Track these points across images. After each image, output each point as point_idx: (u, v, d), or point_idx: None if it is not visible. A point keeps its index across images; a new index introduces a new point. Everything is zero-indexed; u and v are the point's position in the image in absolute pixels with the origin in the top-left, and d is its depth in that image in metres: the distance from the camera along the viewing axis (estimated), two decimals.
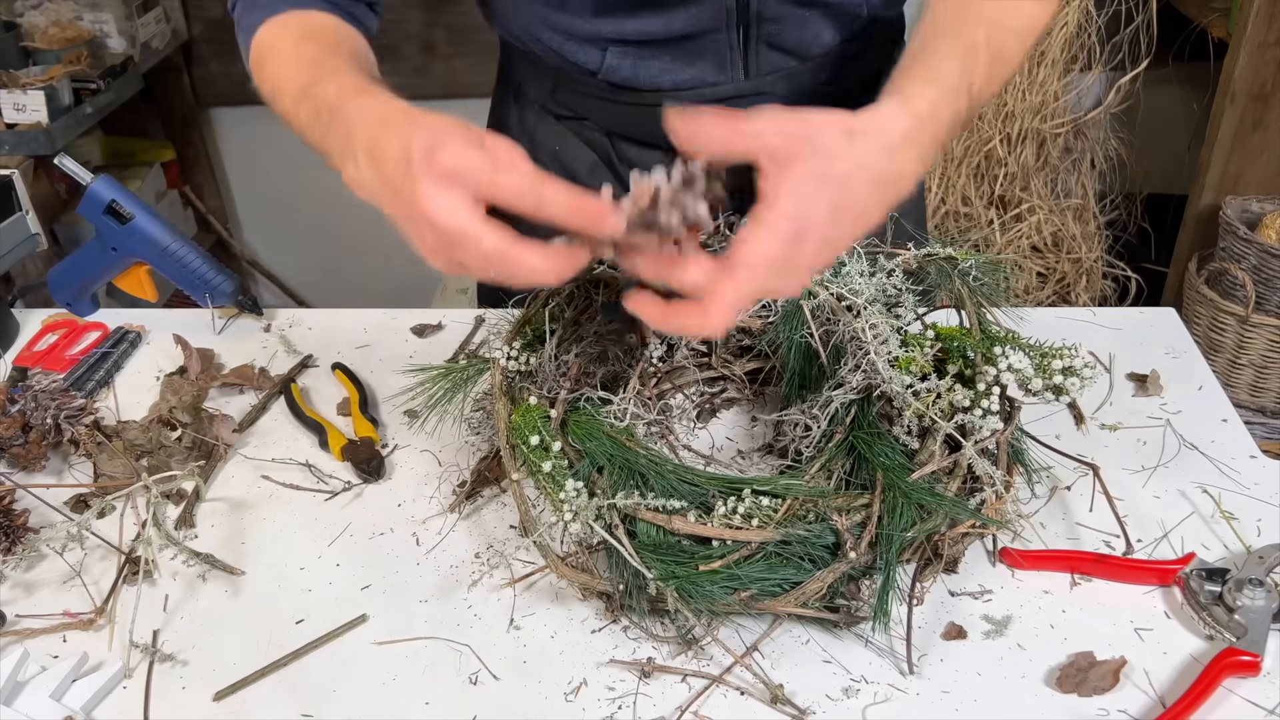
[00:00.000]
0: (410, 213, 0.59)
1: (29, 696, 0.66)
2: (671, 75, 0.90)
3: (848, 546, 0.67)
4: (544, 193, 0.57)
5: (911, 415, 0.72)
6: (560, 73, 0.94)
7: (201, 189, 2.66)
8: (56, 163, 1.03)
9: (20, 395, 0.87)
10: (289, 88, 0.74)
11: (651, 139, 0.97)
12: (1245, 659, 0.64)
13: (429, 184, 0.58)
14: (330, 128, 0.67)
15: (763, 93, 0.91)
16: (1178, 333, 1.00)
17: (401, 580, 0.75)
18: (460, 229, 0.57)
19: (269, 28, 0.80)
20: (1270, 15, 1.90)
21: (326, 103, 0.68)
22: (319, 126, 0.69)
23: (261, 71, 0.79)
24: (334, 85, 0.69)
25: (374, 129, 0.63)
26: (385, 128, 0.63)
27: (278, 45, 0.79)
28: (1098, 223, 2.35)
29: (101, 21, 2.15)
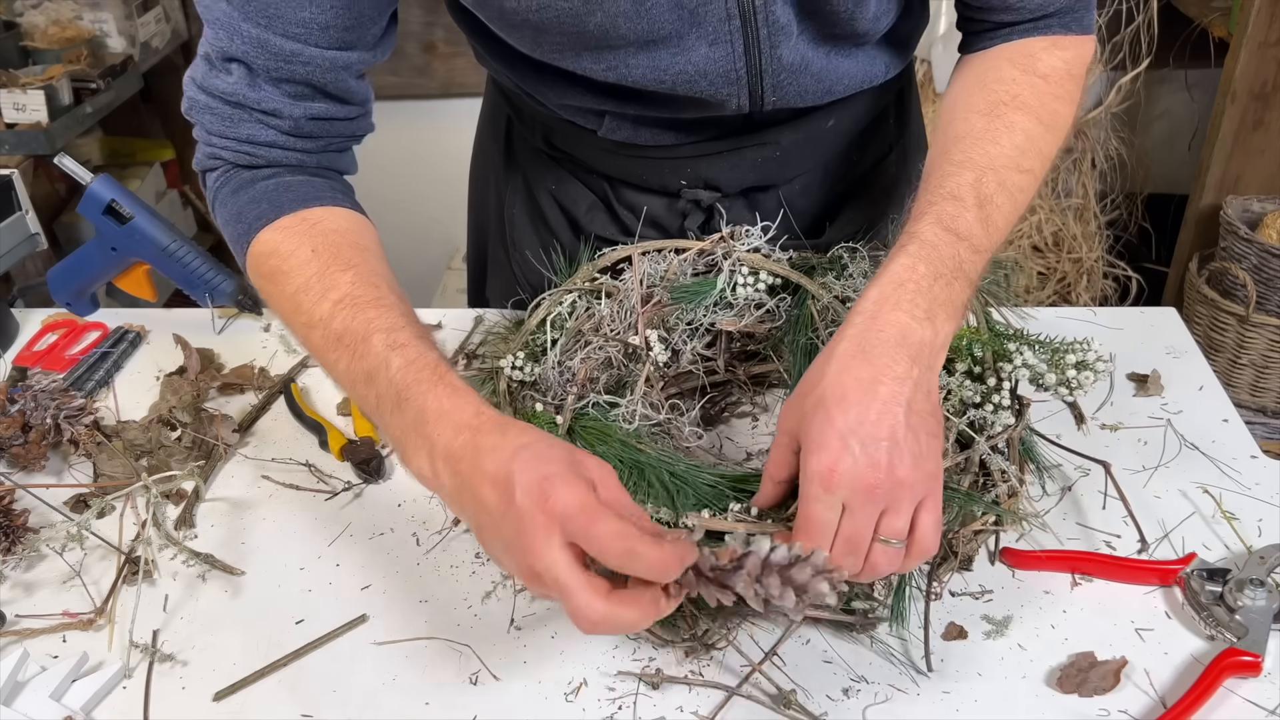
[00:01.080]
0: (515, 550, 0.55)
1: (29, 696, 0.66)
2: (673, 134, 0.88)
3: None
4: (636, 551, 0.53)
5: None
6: (554, 119, 0.92)
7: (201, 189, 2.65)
8: (56, 162, 1.03)
9: (20, 395, 0.87)
10: (324, 329, 0.67)
11: (651, 186, 0.94)
12: (1246, 659, 0.64)
13: (542, 533, 0.54)
14: (398, 412, 0.62)
15: (765, 143, 0.89)
16: (1178, 333, 1.00)
17: (401, 580, 0.75)
18: (566, 585, 0.54)
19: (275, 236, 0.72)
20: (1271, 15, 1.90)
21: (389, 378, 0.63)
22: (375, 398, 0.63)
23: (269, 286, 0.72)
24: (398, 358, 0.63)
25: (461, 439, 0.59)
26: (477, 443, 0.58)
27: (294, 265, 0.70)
28: (1098, 222, 2.35)
29: (101, 21, 2.15)
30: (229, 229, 0.76)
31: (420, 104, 2.51)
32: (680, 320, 0.84)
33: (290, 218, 0.73)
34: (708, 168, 0.91)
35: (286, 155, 0.76)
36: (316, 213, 0.74)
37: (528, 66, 0.84)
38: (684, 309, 0.84)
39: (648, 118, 0.86)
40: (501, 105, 1.01)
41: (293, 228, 0.72)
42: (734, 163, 0.90)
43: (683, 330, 0.84)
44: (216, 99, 0.74)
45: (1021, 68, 0.77)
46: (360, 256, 0.71)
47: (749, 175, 0.92)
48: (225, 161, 0.76)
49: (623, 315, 0.83)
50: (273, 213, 0.73)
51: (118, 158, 2.49)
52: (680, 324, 0.83)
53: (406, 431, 0.61)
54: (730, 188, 0.93)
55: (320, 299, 0.68)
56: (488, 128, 1.07)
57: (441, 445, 0.59)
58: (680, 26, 0.75)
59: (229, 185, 0.76)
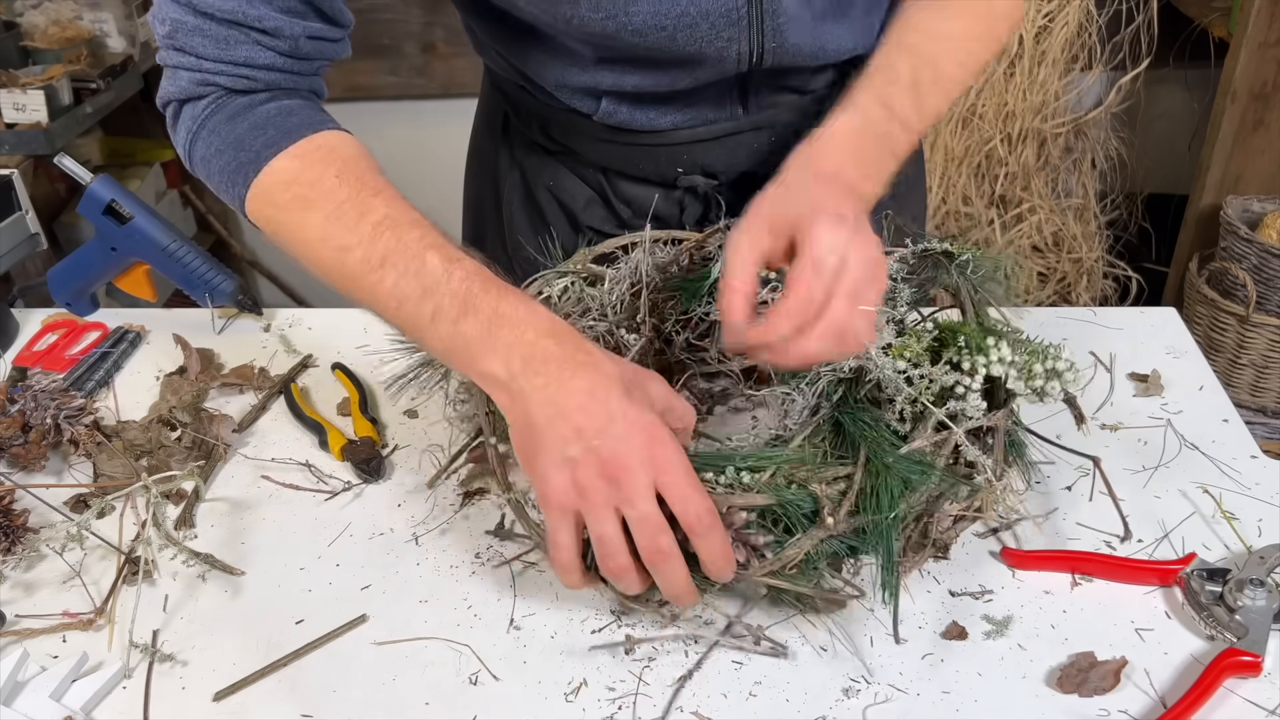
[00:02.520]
0: (591, 463, 0.61)
1: (29, 696, 0.66)
2: (670, 117, 0.89)
3: (825, 513, 0.65)
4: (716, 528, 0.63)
5: (904, 401, 0.71)
6: (553, 110, 0.92)
7: (201, 189, 2.66)
8: (56, 162, 1.03)
9: (20, 395, 0.87)
10: (364, 250, 0.67)
11: (647, 175, 0.95)
12: (1246, 659, 0.64)
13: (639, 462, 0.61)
14: (465, 318, 0.64)
15: (760, 127, 0.90)
16: (1178, 333, 1.00)
17: (401, 580, 0.75)
18: (648, 516, 0.61)
19: (292, 164, 0.71)
20: (1271, 15, 1.90)
21: (451, 289, 0.65)
22: (433, 310, 0.65)
23: (293, 214, 0.71)
24: (459, 270, 0.65)
25: (546, 343, 0.64)
26: (569, 354, 0.64)
27: (322, 190, 0.70)
28: (1098, 222, 2.35)
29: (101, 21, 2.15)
30: (224, 156, 0.72)
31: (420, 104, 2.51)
32: (674, 311, 0.84)
33: (304, 143, 0.71)
34: (704, 154, 0.92)
35: (283, 79, 0.74)
36: (329, 138, 0.72)
37: (526, 42, 0.84)
38: (678, 298, 0.84)
39: (645, 94, 0.86)
40: (498, 103, 1.01)
41: (311, 154, 0.71)
42: (730, 148, 0.91)
43: (675, 320, 0.84)
44: (209, 19, 0.70)
45: None
46: (383, 181, 0.71)
47: (744, 160, 0.93)
48: (219, 87, 0.73)
49: (614, 302, 0.83)
50: (283, 139, 0.71)
51: (118, 158, 2.49)
52: (673, 314, 0.84)
53: (477, 336, 0.64)
54: (726, 174, 0.93)
55: (358, 222, 0.67)
56: (484, 128, 1.07)
57: (524, 346, 0.63)
58: None
59: (222, 112, 0.73)
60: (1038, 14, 2.10)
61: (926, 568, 0.74)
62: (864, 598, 0.70)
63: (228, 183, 0.73)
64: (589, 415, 0.61)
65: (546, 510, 0.64)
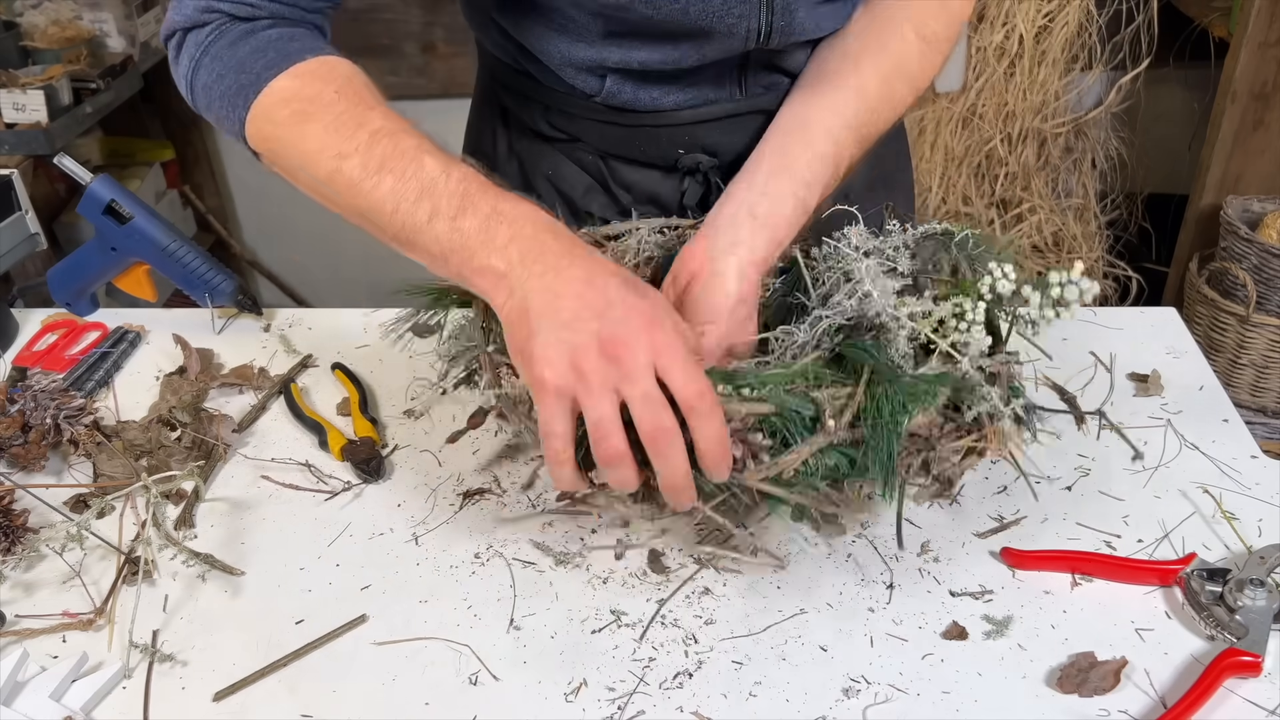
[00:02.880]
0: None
1: (29, 697, 0.66)
2: (673, 96, 0.90)
3: (826, 416, 0.64)
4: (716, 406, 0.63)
5: (905, 339, 0.71)
6: (554, 94, 0.92)
7: (201, 189, 2.66)
8: (56, 162, 1.03)
9: (20, 395, 0.87)
10: (362, 157, 0.69)
11: (647, 159, 0.95)
12: (1246, 659, 0.64)
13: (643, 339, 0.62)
14: (463, 216, 0.66)
15: (759, 110, 0.91)
16: (1178, 333, 1.00)
17: (401, 580, 0.75)
18: (649, 395, 0.61)
19: (291, 83, 0.73)
20: (1271, 15, 1.90)
21: (449, 189, 0.67)
22: (430, 210, 0.67)
23: (293, 129, 0.72)
24: (456, 171, 0.68)
25: (545, 236, 0.66)
26: (566, 247, 0.66)
27: (321, 105, 0.71)
28: (1098, 222, 2.35)
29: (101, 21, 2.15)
30: (225, 80, 0.74)
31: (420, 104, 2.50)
32: None
33: (303, 64, 0.73)
34: (705, 134, 0.92)
35: (286, 9, 0.76)
36: (329, 60, 0.74)
37: (533, 18, 0.85)
38: None
39: (650, 71, 0.87)
40: (495, 94, 1.01)
41: (310, 73, 0.73)
42: (729, 129, 0.92)
43: None
44: None
45: (915, 30, 0.86)
46: (378, 98, 0.73)
47: (742, 142, 0.93)
48: (222, 14, 0.75)
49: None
50: (283, 61, 0.73)
51: (117, 158, 2.49)
52: None
53: (475, 232, 0.65)
54: (727, 154, 0.94)
55: (355, 131, 0.69)
56: (480, 121, 1.07)
57: (522, 240, 0.64)
58: None
59: (224, 38, 0.75)
60: (1038, 14, 2.10)
61: (927, 568, 0.74)
62: (870, 504, 0.69)
63: (228, 106, 0.75)
64: (586, 301, 0.62)
65: (541, 397, 0.63)
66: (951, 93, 2.20)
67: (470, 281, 0.68)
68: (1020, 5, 2.09)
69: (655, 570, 0.75)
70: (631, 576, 0.74)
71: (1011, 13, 2.09)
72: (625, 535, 0.69)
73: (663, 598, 0.72)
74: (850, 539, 0.77)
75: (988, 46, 2.13)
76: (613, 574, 0.75)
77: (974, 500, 0.80)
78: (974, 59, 2.16)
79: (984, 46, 2.13)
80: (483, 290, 0.67)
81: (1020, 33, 2.11)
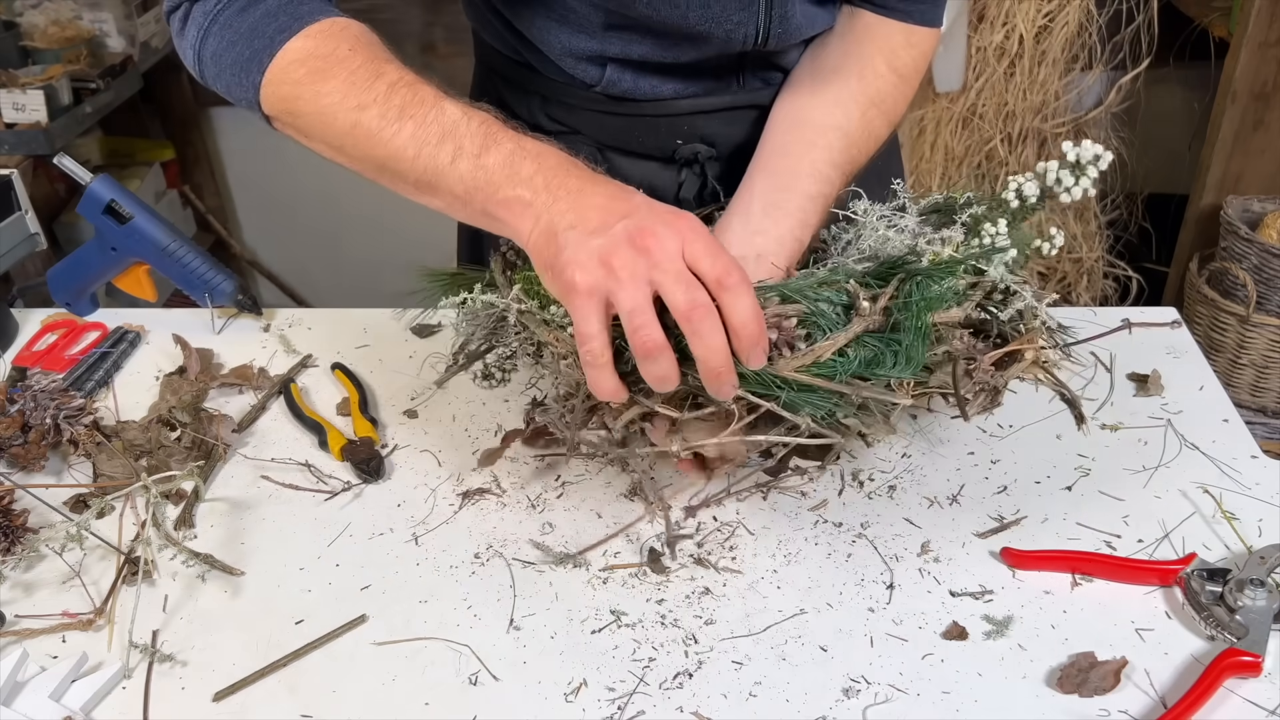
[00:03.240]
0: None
1: (28, 697, 0.66)
2: (673, 85, 0.90)
3: (860, 299, 0.64)
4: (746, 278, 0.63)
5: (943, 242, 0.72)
6: (553, 85, 0.93)
7: (201, 189, 2.66)
8: (56, 162, 1.03)
9: (20, 395, 0.87)
10: (382, 105, 0.70)
11: (645, 150, 0.96)
12: (1246, 659, 0.64)
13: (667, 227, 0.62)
14: (487, 153, 0.67)
15: (756, 104, 0.92)
16: (1179, 333, 1.00)
17: (401, 580, 0.75)
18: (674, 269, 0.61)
19: (305, 43, 0.73)
20: (1271, 15, 1.90)
21: (470, 130, 0.68)
22: (453, 151, 0.68)
23: (310, 87, 0.73)
24: (477, 115, 0.69)
25: (567, 165, 0.67)
26: (589, 173, 0.67)
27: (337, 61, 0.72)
28: (1099, 222, 2.35)
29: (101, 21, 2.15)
30: (237, 48, 0.75)
31: None
32: None
33: (316, 25, 0.74)
34: (704, 124, 0.93)
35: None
36: (339, 20, 0.75)
37: (534, 8, 0.86)
38: None
39: (650, 62, 0.87)
40: (492, 89, 1.01)
41: (323, 32, 0.74)
42: (727, 120, 0.93)
43: None
44: None
45: (888, 64, 0.89)
46: (391, 54, 0.74)
47: (740, 133, 0.94)
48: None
49: None
50: (295, 23, 0.74)
51: (117, 158, 2.49)
52: None
53: (499, 166, 0.67)
54: (724, 145, 0.95)
55: (373, 82, 0.71)
56: None
57: (546, 171, 0.66)
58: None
59: (233, 6, 0.76)
60: (1038, 14, 2.10)
61: (927, 568, 0.74)
62: (900, 408, 0.68)
63: (241, 73, 0.75)
64: (612, 209, 0.63)
65: (572, 300, 0.63)
66: (951, 93, 2.20)
67: (495, 215, 0.68)
68: (1020, 5, 2.09)
69: (655, 570, 0.75)
70: (632, 577, 0.74)
71: (1011, 13, 2.09)
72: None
73: (662, 598, 0.73)
74: (851, 539, 0.77)
75: (988, 46, 2.13)
76: (613, 574, 0.75)
77: (974, 500, 0.80)
78: (974, 59, 2.16)
79: (984, 46, 2.13)
80: (507, 221, 0.68)
81: (1020, 33, 2.11)
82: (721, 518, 0.79)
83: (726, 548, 0.76)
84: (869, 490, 0.81)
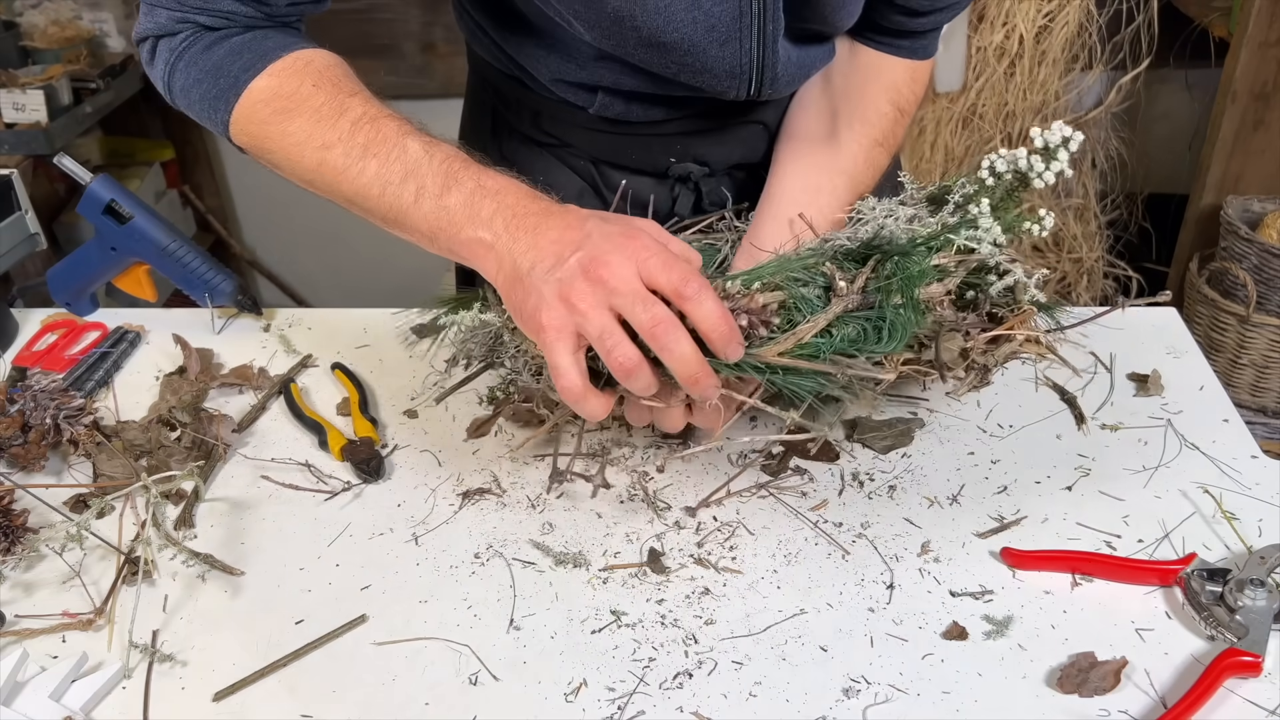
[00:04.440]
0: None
1: (28, 697, 0.66)
2: (664, 110, 0.90)
3: (838, 279, 0.64)
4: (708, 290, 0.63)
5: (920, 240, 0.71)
6: (545, 102, 0.93)
7: (201, 189, 2.66)
8: (56, 162, 1.03)
9: (19, 395, 0.87)
10: (345, 145, 0.71)
11: (639, 166, 0.96)
12: (1246, 659, 0.64)
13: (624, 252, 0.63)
14: (448, 193, 0.68)
15: (752, 123, 0.92)
16: (1179, 333, 1.00)
17: (401, 580, 0.75)
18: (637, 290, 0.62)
19: (270, 81, 0.74)
20: (1271, 15, 1.90)
21: (433, 169, 0.69)
22: (415, 191, 0.69)
23: (276, 126, 0.74)
24: (439, 152, 0.70)
25: (527, 203, 0.67)
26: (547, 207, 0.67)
27: (300, 100, 0.73)
28: (1099, 222, 2.35)
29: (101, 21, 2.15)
30: (203, 85, 0.76)
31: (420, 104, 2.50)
32: None
33: (279, 62, 0.74)
34: (697, 145, 0.93)
35: (259, 21, 0.77)
36: (304, 54, 0.76)
37: (524, 34, 0.86)
38: None
39: (641, 93, 0.87)
40: (486, 100, 1.02)
41: (286, 69, 0.74)
42: (722, 141, 0.93)
43: None
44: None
45: (892, 102, 0.90)
46: (357, 84, 0.75)
47: (737, 151, 0.94)
48: (196, 25, 0.77)
49: None
50: (259, 61, 0.74)
51: (117, 158, 2.49)
52: None
53: (461, 207, 0.67)
54: (718, 164, 0.95)
55: (337, 119, 0.72)
56: (472, 129, 1.07)
57: (505, 210, 0.67)
58: (694, 32, 0.77)
59: (199, 44, 0.76)
60: (1038, 14, 2.10)
61: (927, 568, 0.74)
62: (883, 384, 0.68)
63: (209, 109, 0.76)
64: (566, 240, 0.64)
65: (545, 341, 0.64)
66: (951, 93, 2.20)
67: (459, 254, 0.70)
68: (1020, 5, 2.09)
69: (655, 570, 0.75)
70: (632, 577, 0.74)
71: (1011, 13, 2.09)
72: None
73: (662, 598, 0.73)
74: (851, 539, 0.77)
75: (988, 46, 2.13)
76: (613, 574, 0.75)
77: (974, 500, 0.80)
78: (974, 59, 2.16)
79: (984, 46, 2.13)
80: (472, 261, 0.69)
81: (1020, 33, 2.11)
82: (721, 518, 0.79)
83: (726, 548, 0.76)
84: (869, 490, 0.81)
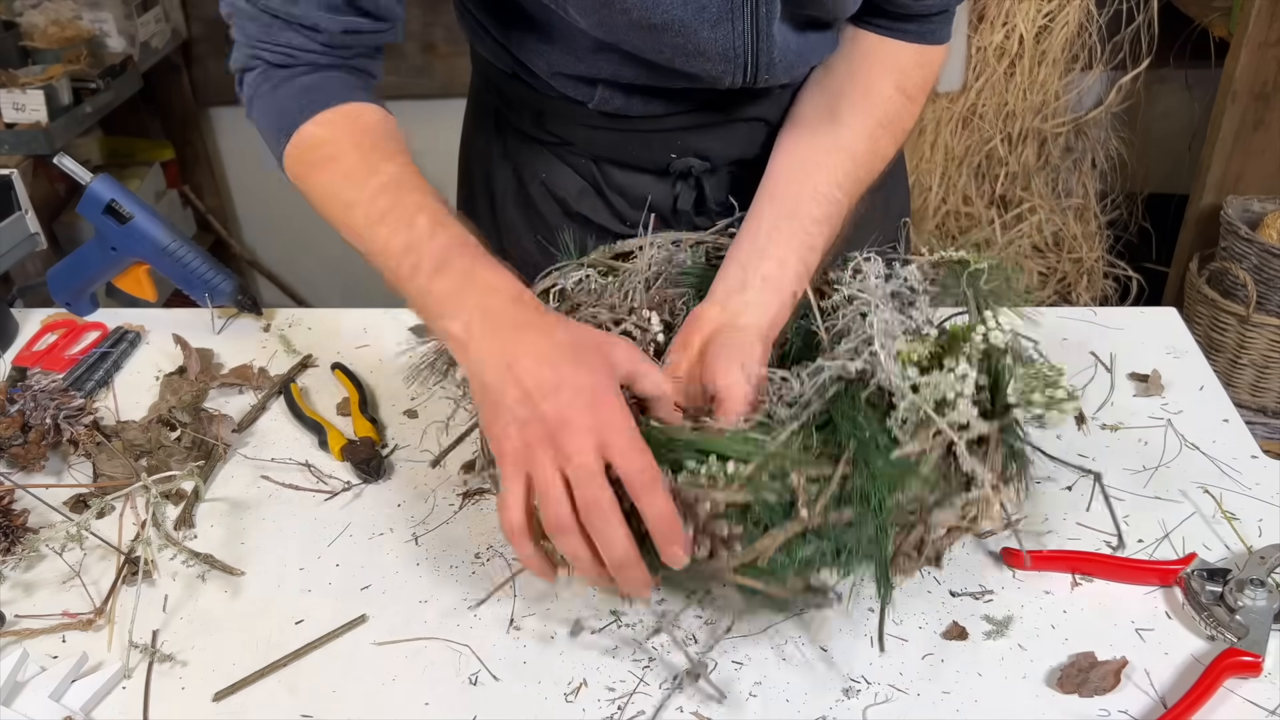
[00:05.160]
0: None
1: (28, 697, 0.66)
2: (664, 104, 0.90)
3: (800, 504, 0.62)
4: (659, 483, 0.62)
5: (907, 408, 0.70)
6: (546, 99, 0.93)
7: (201, 189, 2.66)
8: (56, 162, 1.03)
9: (20, 395, 0.87)
10: (367, 208, 0.73)
11: (640, 163, 0.96)
12: (1246, 659, 0.64)
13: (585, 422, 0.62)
14: (439, 275, 0.69)
15: (752, 119, 0.92)
16: (1179, 333, 1.00)
17: (401, 580, 0.75)
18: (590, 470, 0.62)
19: (317, 130, 0.78)
20: (1271, 15, 1.90)
21: (431, 249, 0.70)
22: (412, 266, 0.70)
23: (313, 175, 0.78)
24: (443, 233, 0.70)
25: (509, 309, 0.67)
26: (524, 318, 0.67)
27: (338, 154, 0.77)
28: (1099, 222, 2.35)
29: (101, 21, 2.15)
30: (269, 121, 0.81)
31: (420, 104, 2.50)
32: (686, 306, 0.84)
33: (330, 113, 0.78)
34: (698, 140, 0.93)
35: (322, 58, 0.80)
36: (354, 108, 0.79)
37: (524, 28, 0.87)
38: (688, 293, 0.85)
39: (640, 86, 0.87)
40: (489, 99, 1.02)
41: (333, 122, 0.78)
42: (723, 136, 0.93)
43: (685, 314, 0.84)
44: (259, 9, 0.78)
45: (897, 85, 0.88)
46: (396, 147, 0.78)
47: (737, 148, 0.94)
48: (264, 62, 0.80)
49: (625, 295, 0.84)
50: (312, 108, 0.78)
51: (117, 158, 2.49)
52: (684, 310, 0.84)
53: (445, 294, 0.69)
54: (719, 160, 0.95)
55: (365, 181, 0.74)
56: (474, 127, 1.07)
57: (483, 309, 0.67)
58: (684, 13, 0.76)
59: (268, 82, 0.80)
60: (1038, 14, 2.10)
61: (926, 568, 0.74)
62: (839, 604, 0.68)
63: (273, 141, 0.81)
64: (537, 379, 0.64)
65: (501, 464, 0.65)
66: (951, 93, 2.20)
67: (439, 338, 0.72)
68: (1020, 5, 2.09)
69: None
70: None
71: (1011, 13, 2.09)
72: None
73: (662, 598, 0.72)
74: None
75: (988, 46, 2.13)
76: None
77: None
78: (974, 59, 2.16)
79: (984, 46, 2.13)
80: (449, 348, 0.70)
81: (1020, 33, 2.11)
82: None
83: None
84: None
